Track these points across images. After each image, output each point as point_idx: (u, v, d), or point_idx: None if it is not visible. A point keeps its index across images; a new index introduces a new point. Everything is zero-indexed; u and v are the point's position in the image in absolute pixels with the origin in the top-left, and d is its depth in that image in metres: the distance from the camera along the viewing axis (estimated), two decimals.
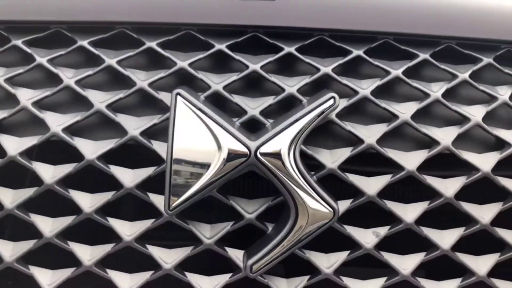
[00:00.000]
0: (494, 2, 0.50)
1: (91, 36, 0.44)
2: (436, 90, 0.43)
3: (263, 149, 0.37)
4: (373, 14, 0.46)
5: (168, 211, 0.37)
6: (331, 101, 0.38)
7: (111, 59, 0.42)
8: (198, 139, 0.37)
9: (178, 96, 0.38)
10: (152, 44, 0.43)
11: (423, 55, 0.44)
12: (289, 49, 0.44)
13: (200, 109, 0.38)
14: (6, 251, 0.39)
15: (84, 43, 0.44)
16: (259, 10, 0.45)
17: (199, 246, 0.39)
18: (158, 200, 0.39)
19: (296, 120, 0.38)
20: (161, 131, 0.41)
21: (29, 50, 0.44)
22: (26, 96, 0.41)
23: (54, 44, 0.45)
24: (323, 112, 0.38)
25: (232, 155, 0.37)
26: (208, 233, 0.40)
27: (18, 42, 0.44)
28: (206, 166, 0.37)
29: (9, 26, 0.45)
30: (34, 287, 0.40)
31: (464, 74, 0.44)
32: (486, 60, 0.45)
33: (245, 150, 0.36)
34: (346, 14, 0.46)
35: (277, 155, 0.37)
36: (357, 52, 0.44)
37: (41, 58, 0.43)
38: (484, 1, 0.50)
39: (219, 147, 0.37)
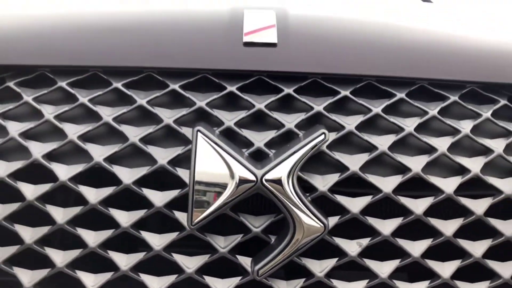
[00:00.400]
0: (460, 47, 0.59)
1: (123, 78, 0.53)
2: (410, 124, 0.52)
3: (267, 177, 0.46)
4: (358, 59, 0.55)
5: (191, 226, 0.46)
6: (322, 136, 0.48)
7: (142, 99, 0.52)
8: (215, 167, 0.46)
9: (199, 132, 0.47)
10: (175, 86, 0.53)
11: (400, 95, 0.53)
12: (288, 90, 0.53)
13: (216, 143, 0.47)
14: (58, 257, 0.48)
15: (118, 85, 0.53)
16: (263, 57, 0.54)
17: (215, 254, 0.48)
18: (181, 216, 0.48)
19: (294, 152, 0.47)
20: (184, 160, 0.50)
21: (72, 91, 0.53)
22: (73, 131, 0.50)
23: (93, 85, 0.54)
24: (316, 145, 0.47)
25: (242, 181, 0.46)
26: (222, 243, 0.49)
27: (63, 84, 0.53)
28: (222, 189, 0.46)
29: (54, 69, 0.55)
30: (76, 284, 0.48)
31: (433, 110, 0.53)
32: (453, 98, 0.54)
33: (253, 177, 0.45)
34: (335, 60, 0.55)
35: (278, 181, 0.46)
36: (345, 92, 0.53)
37: (83, 98, 0.52)
38: (450, 47, 0.59)
39: (232, 174, 0.46)
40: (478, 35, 0.65)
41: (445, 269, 0.50)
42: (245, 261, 0.49)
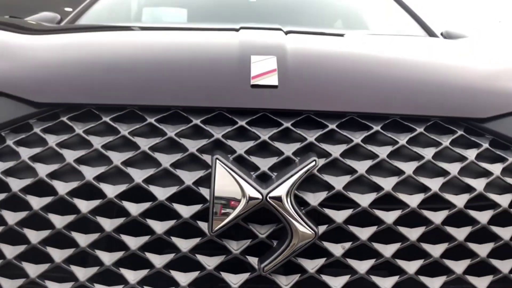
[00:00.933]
0: (426, 86, 0.73)
1: (155, 115, 0.67)
2: (383, 152, 0.65)
3: (271, 195, 0.59)
4: (343, 98, 0.69)
5: (211, 232, 0.59)
6: (314, 162, 0.61)
7: (171, 132, 0.65)
8: (230, 187, 0.59)
9: (217, 159, 0.60)
10: (197, 121, 0.66)
11: (376, 127, 0.67)
12: (287, 124, 0.66)
13: (230, 168, 0.60)
14: (105, 257, 0.62)
15: (152, 120, 0.66)
16: (266, 97, 0.68)
17: (229, 255, 0.62)
18: (203, 225, 0.62)
19: (291, 176, 0.60)
20: (205, 181, 0.63)
21: (114, 125, 0.66)
22: (116, 158, 0.64)
23: (131, 120, 0.67)
24: (308, 169, 0.61)
25: (251, 198, 0.59)
26: (235, 247, 0.62)
27: (107, 119, 0.67)
28: (235, 204, 0.59)
29: (99, 107, 0.68)
30: (119, 279, 0.61)
31: (402, 140, 0.66)
32: (419, 130, 0.68)
33: (259, 196, 0.59)
34: (324, 99, 0.69)
35: (279, 198, 0.59)
36: (332, 126, 0.66)
37: (124, 131, 0.65)
38: (419, 85, 0.72)
39: (243, 193, 0.59)
40: (443, 74, 0.78)
41: (411, 266, 0.63)
42: (253, 261, 0.62)
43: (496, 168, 0.66)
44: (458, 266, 0.63)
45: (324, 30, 1.42)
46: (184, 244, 0.61)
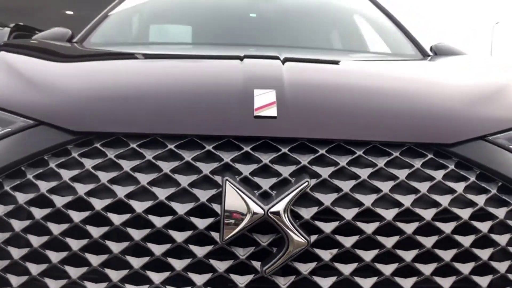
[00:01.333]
0: (402, 115, 0.86)
1: (174, 141, 0.80)
2: (364, 173, 0.78)
3: (271, 210, 0.72)
4: (331, 127, 0.82)
5: (222, 241, 0.72)
6: (306, 183, 0.74)
7: (188, 157, 0.78)
8: (238, 204, 0.72)
9: (226, 180, 0.73)
10: (210, 147, 0.79)
11: (358, 152, 0.80)
12: (284, 149, 0.79)
13: (237, 187, 0.73)
14: (135, 262, 0.74)
15: (172, 146, 0.79)
16: (267, 126, 0.81)
17: (237, 260, 0.74)
18: (215, 235, 0.74)
19: (288, 194, 0.73)
20: (216, 198, 0.76)
21: (140, 150, 0.79)
22: (143, 178, 0.76)
23: (155, 145, 0.80)
24: (302, 189, 0.74)
25: (255, 213, 0.72)
26: (241, 252, 0.75)
27: (134, 145, 0.79)
28: (242, 218, 0.72)
29: (126, 135, 0.81)
30: (146, 280, 0.74)
31: (381, 163, 0.79)
32: (395, 154, 0.81)
33: (262, 211, 0.71)
34: (316, 128, 0.82)
35: (278, 213, 0.72)
36: (322, 151, 0.79)
37: (148, 156, 0.78)
38: (396, 114, 0.86)
39: (249, 209, 0.72)
40: (417, 103, 0.92)
41: (388, 269, 0.76)
42: (256, 264, 0.75)
43: (459, 187, 0.80)
44: (427, 269, 0.76)
45: (318, 54, 1.56)
46: (200, 251, 0.74)
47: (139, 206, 0.75)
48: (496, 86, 1.10)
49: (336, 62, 1.41)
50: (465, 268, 0.77)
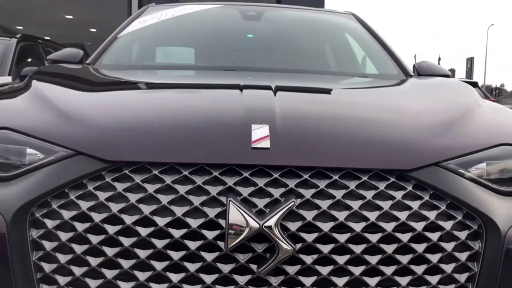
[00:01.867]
0: (370, 146, 1.06)
1: (188, 168, 0.99)
2: (339, 194, 0.98)
3: (265, 225, 0.92)
4: (313, 157, 1.02)
5: (227, 249, 0.92)
6: (293, 203, 0.94)
7: (199, 181, 0.98)
8: (239, 219, 0.92)
9: (230, 201, 0.93)
10: (216, 173, 0.99)
11: (335, 177, 1.00)
12: (276, 175, 0.99)
13: (238, 206, 0.93)
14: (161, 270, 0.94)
15: (186, 173, 0.99)
16: (262, 156, 1.01)
17: (238, 263, 0.94)
18: (221, 244, 0.94)
19: (278, 211, 0.93)
20: (222, 214, 0.95)
21: (161, 176, 0.99)
22: (165, 199, 0.96)
23: (173, 171, 1.00)
24: (290, 207, 0.94)
25: (253, 227, 0.92)
26: (242, 257, 0.95)
27: (156, 172, 0.99)
28: (242, 230, 0.92)
29: (149, 163, 1.01)
30: (166, 279, 0.94)
31: (352, 186, 0.99)
32: (364, 178, 1.01)
33: (257, 225, 0.91)
34: (301, 157, 1.02)
35: (270, 227, 0.92)
36: (305, 176, 0.99)
37: (168, 180, 0.98)
38: (366, 146, 1.06)
39: (247, 223, 0.92)
40: (385, 133, 1.12)
41: (357, 270, 0.96)
42: (254, 267, 0.94)
43: (415, 204, 1.00)
44: (388, 270, 0.96)
45: (306, 80, 1.78)
46: (209, 256, 0.94)
47: (161, 221, 0.95)
48: (456, 114, 1.30)
49: (321, 91, 1.63)
50: (419, 269, 0.98)
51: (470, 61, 49.84)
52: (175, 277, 0.94)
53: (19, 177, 1.05)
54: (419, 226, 0.98)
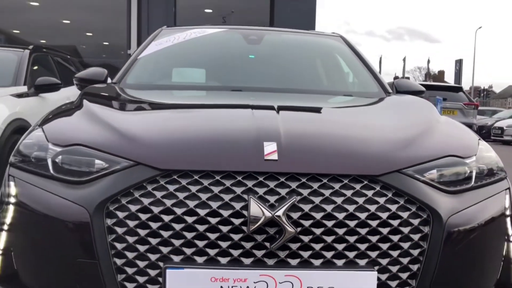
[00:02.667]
0: (350, 154, 1.46)
1: (220, 174, 1.38)
2: (327, 193, 1.38)
3: (275, 214, 1.31)
4: (309, 165, 1.42)
5: (249, 231, 1.32)
6: (294, 199, 1.34)
7: (228, 184, 1.37)
8: (257, 211, 1.31)
9: (250, 198, 1.33)
10: (240, 178, 1.38)
11: (324, 180, 1.39)
12: (282, 179, 1.38)
13: (257, 201, 1.32)
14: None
15: (218, 177, 1.38)
16: (272, 166, 1.40)
17: (256, 241, 1.33)
18: (244, 228, 1.33)
19: (284, 205, 1.32)
20: (244, 207, 1.35)
21: (200, 180, 1.38)
22: (204, 196, 1.35)
23: (208, 176, 1.38)
24: (292, 202, 1.33)
25: (266, 216, 1.31)
26: (259, 238, 1.33)
27: (197, 177, 1.38)
28: (259, 218, 1.31)
29: (192, 171, 1.40)
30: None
31: (336, 187, 1.39)
32: (345, 181, 1.40)
33: (270, 215, 1.31)
34: (300, 166, 1.41)
35: (279, 216, 1.31)
36: (303, 180, 1.39)
37: (205, 183, 1.37)
38: (346, 155, 1.46)
39: (263, 213, 1.31)
40: (361, 145, 1.52)
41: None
42: (267, 244, 1.34)
43: (382, 200, 1.40)
44: (363, 246, 1.36)
45: (302, 100, 2.20)
46: (236, 237, 1.33)
47: (201, 212, 1.34)
48: (416, 130, 1.72)
49: (314, 110, 2.04)
50: (384, 246, 1.38)
51: (459, 63, 50.47)
52: (212, 252, 1.33)
53: (90, 182, 1.44)
54: (384, 215, 1.38)
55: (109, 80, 2.77)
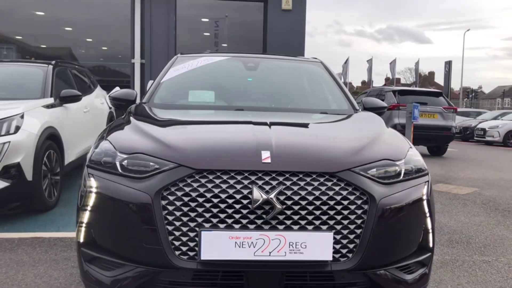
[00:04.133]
0: (317, 157, 2.25)
1: (234, 171, 2.17)
2: (302, 183, 2.17)
3: (269, 197, 2.09)
4: (291, 165, 2.21)
5: (253, 208, 2.10)
6: (281, 187, 2.13)
7: (239, 178, 2.16)
8: (258, 195, 2.10)
9: (254, 187, 2.12)
10: (246, 174, 2.17)
11: (300, 175, 2.19)
12: (273, 175, 2.18)
13: (257, 189, 2.11)
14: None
15: (232, 174, 2.17)
16: (267, 166, 2.19)
17: (257, 214, 2.12)
18: (250, 206, 2.12)
19: (275, 191, 2.11)
20: (250, 193, 2.13)
21: (222, 175, 2.16)
22: (225, 186, 2.14)
23: (227, 173, 2.17)
24: (280, 190, 2.13)
25: (263, 198, 2.10)
26: (259, 212, 2.13)
27: (219, 173, 2.17)
28: (259, 199, 2.10)
29: (217, 169, 2.18)
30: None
31: (307, 180, 2.18)
32: (313, 176, 2.20)
33: (266, 197, 2.09)
34: (285, 165, 2.20)
35: (272, 198, 2.10)
36: (287, 175, 2.18)
37: (226, 178, 2.16)
38: (315, 158, 2.25)
39: (261, 196, 2.09)
40: (325, 151, 2.32)
41: (310, 217, 2.15)
42: (264, 216, 2.12)
43: (337, 188, 2.19)
44: (324, 217, 2.16)
45: (288, 116, 3.01)
46: (244, 211, 2.12)
47: (222, 195, 2.12)
48: (366, 140, 2.52)
49: (297, 125, 2.84)
50: (338, 217, 2.17)
51: (448, 64, 51.59)
52: (229, 221, 2.12)
53: (149, 177, 2.22)
54: (338, 197, 2.18)
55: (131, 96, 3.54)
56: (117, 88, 9.26)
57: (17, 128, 4.62)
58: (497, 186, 7.98)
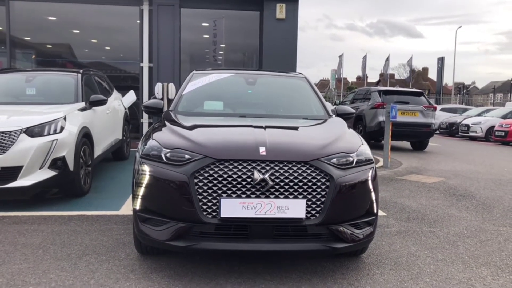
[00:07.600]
0: (298, 151, 3.41)
1: (240, 160, 3.32)
2: (286, 168, 3.32)
3: (265, 176, 3.25)
4: (279, 156, 3.36)
5: (254, 183, 3.25)
6: (273, 170, 3.28)
7: (245, 165, 3.31)
8: (257, 175, 3.25)
9: (254, 170, 3.27)
10: (249, 162, 3.32)
11: (285, 163, 3.34)
12: (267, 162, 3.33)
13: (257, 171, 3.27)
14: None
15: (240, 161, 3.31)
16: (264, 157, 3.34)
17: (258, 190, 3.27)
18: (252, 182, 3.27)
19: (268, 171, 3.27)
20: (253, 174, 3.28)
21: (233, 163, 3.31)
22: (235, 169, 3.29)
23: (237, 161, 3.31)
24: (272, 172, 3.28)
25: (261, 177, 3.25)
26: (258, 186, 3.28)
27: (231, 161, 3.31)
28: (258, 178, 3.25)
29: (230, 158, 3.32)
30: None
31: (291, 167, 3.33)
32: (294, 163, 3.35)
33: (262, 177, 3.25)
34: (278, 156, 3.36)
35: (266, 177, 3.26)
36: (276, 162, 3.34)
37: (236, 165, 3.30)
38: (296, 151, 3.41)
39: (259, 176, 3.25)
40: (303, 146, 3.47)
41: (286, 193, 3.31)
42: (262, 188, 3.28)
43: (309, 171, 3.35)
44: (298, 192, 3.31)
45: (280, 121, 4.19)
46: (249, 186, 3.27)
47: (234, 176, 3.27)
48: (332, 138, 3.69)
49: (285, 128, 4.00)
50: (308, 191, 3.32)
51: (441, 60, 52.76)
52: (239, 192, 3.26)
53: (184, 165, 3.36)
54: (309, 177, 3.33)
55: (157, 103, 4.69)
56: (132, 91, 10.36)
57: (62, 128, 5.74)
58: (462, 176, 9.17)
